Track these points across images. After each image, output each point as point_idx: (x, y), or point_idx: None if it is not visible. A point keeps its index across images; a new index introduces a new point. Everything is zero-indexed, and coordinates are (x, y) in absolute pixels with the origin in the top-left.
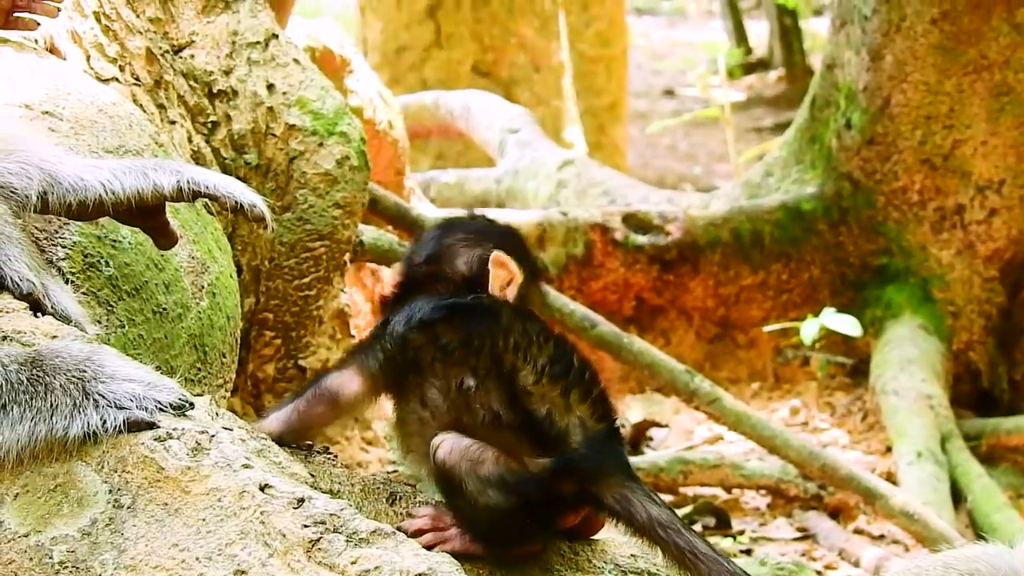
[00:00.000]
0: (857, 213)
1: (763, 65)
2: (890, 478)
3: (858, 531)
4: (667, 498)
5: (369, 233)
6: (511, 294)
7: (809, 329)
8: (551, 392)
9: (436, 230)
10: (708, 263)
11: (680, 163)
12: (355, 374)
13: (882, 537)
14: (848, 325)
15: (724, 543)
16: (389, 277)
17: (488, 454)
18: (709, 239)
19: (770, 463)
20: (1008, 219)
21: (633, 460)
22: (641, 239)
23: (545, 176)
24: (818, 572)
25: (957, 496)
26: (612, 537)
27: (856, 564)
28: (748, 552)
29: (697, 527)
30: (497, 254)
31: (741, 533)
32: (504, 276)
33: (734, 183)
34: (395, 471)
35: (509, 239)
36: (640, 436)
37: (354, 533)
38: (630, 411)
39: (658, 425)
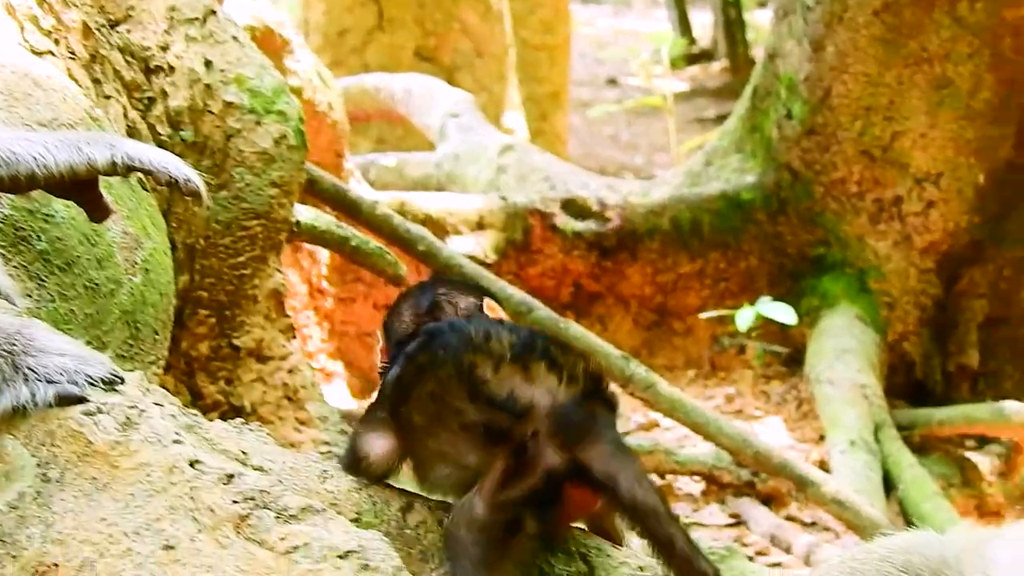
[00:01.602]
0: (796, 203)
1: (707, 56)
2: (823, 466)
3: (790, 518)
4: None
5: (306, 213)
6: None
7: (745, 317)
8: (512, 375)
9: (426, 287)
10: (646, 250)
11: (622, 152)
12: (379, 434)
13: (814, 524)
14: (784, 314)
15: None
16: (378, 350)
17: (475, 499)
18: (648, 227)
19: (704, 449)
20: (945, 212)
21: None
22: (580, 225)
23: (486, 161)
24: (749, 558)
25: (889, 485)
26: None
27: (788, 550)
28: None
29: None
30: (488, 300)
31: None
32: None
33: (674, 171)
34: (328, 451)
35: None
36: None
37: (284, 510)
38: None
39: None
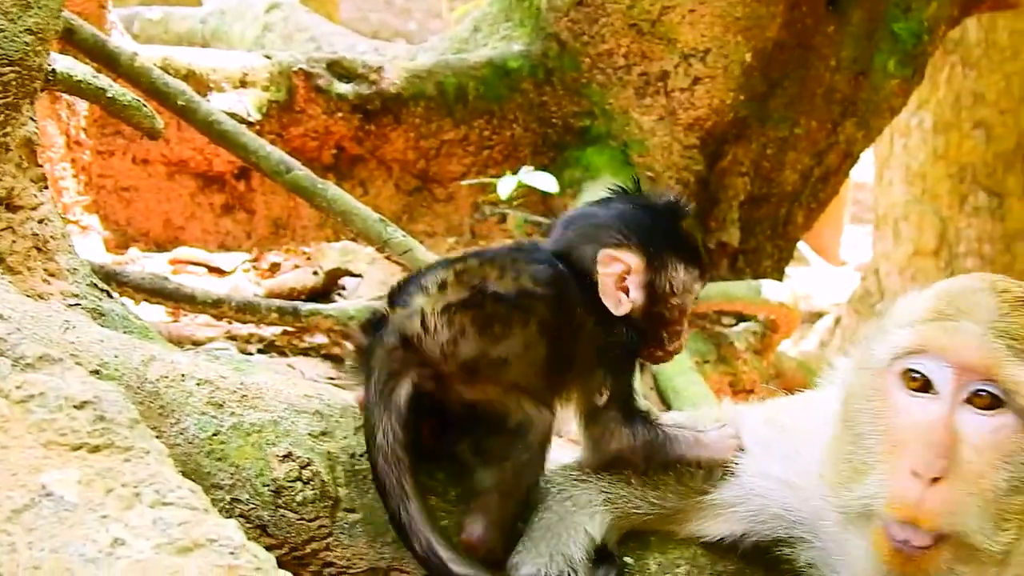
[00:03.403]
0: (562, 74)
1: None
2: None
3: None
4: None
5: (63, 62)
6: None
7: (506, 185)
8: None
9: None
10: (411, 115)
11: (395, 18)
12: None
13: None
14: (546, 183)
15: None
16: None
17: None
18: (413, 91)
19: None
20: (711, 88)
21: (323, 307)
22: (344, 88)
23: (252, 19)
24: None
25: None
26: None
27: None
28: None
29: None
30: None
31: None
32: None
33: (441, 36)
34: (76, 304)
35: None
36: (332, 285)
37: (20, 358)
38: (324, 259)
39: (351, 274)
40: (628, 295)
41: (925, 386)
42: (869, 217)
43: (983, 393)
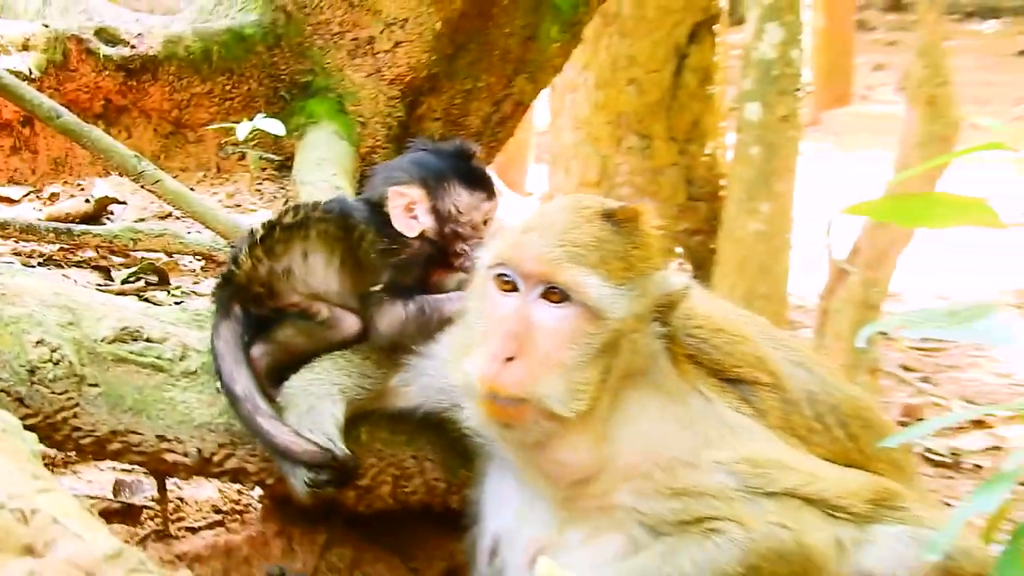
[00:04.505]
0: (289, 39)
1: None
2: None
3: None
4: (119, 259)
5: None
6: None
7: (243, 129)
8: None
9: None
10: (165, 73)
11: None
12: None
13: None
14: (275, 127)
15: (161, 295)
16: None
17: None
18: (167, 54)
19: (205, 235)
20: (409, 50)
21: (93, 228)
22: (110, 51)
23: None
24: None
25: None
26: None
27: None
28: (180, 303)
29: (141, 283)
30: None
31: (177, 288)
32: None
33: (190, 9)
34: None
35: None
36: (102, 210)
37: None
38: (95, 188)
39: (118, 202)
40: (418, 220)
41: (514, 287)
42: (547, 157)
43: (554, 291)
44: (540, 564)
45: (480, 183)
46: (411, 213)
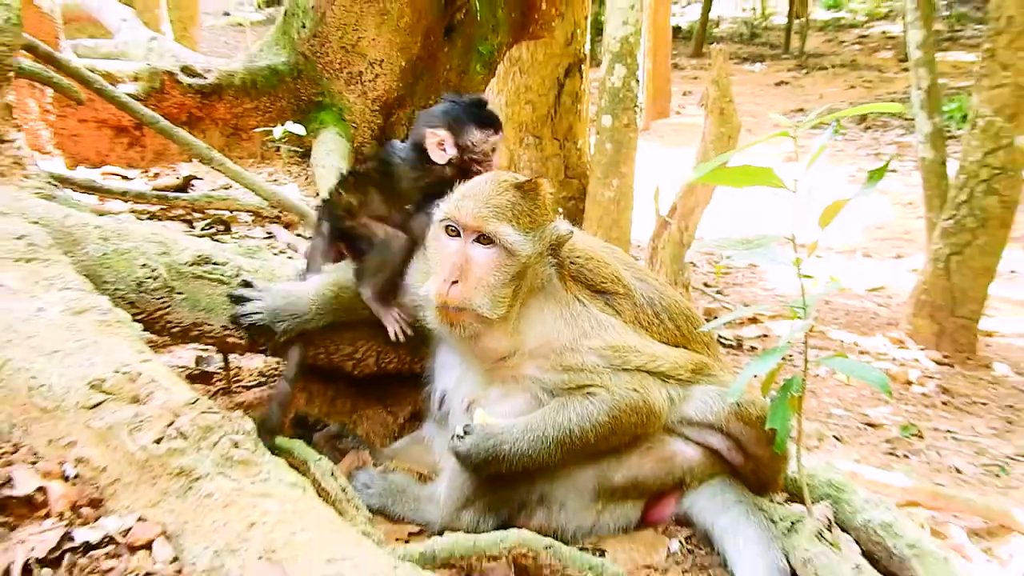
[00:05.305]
0: (307, 73)
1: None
2: None
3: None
4: (198, 216)
5: (25, 63)
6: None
7: (278, 131)
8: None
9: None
10: (227, 95)
11: (231, 51)
12: None
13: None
14: (299, 129)
15: (225, 238)
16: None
17: None
18: (228, 83)
19: (254, 199)
20: (385, 81)
21: (181, 195)
22: (191, 80)
23: (142, 46)
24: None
25: None
26: None
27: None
28: (236, 242)
29: (212, 231)
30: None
31: (236, 234)
32: None
33: (244, 54)
34: (38, 191)
35: None
36: (187, 183)
37: None
38: (182, 169)
39: (197, 178)
40: (446, 152)
41: (457, 234)
42: None
43: (483, 237)
44: (476, 414)
45: (489, 123)
46: (441, 147)
